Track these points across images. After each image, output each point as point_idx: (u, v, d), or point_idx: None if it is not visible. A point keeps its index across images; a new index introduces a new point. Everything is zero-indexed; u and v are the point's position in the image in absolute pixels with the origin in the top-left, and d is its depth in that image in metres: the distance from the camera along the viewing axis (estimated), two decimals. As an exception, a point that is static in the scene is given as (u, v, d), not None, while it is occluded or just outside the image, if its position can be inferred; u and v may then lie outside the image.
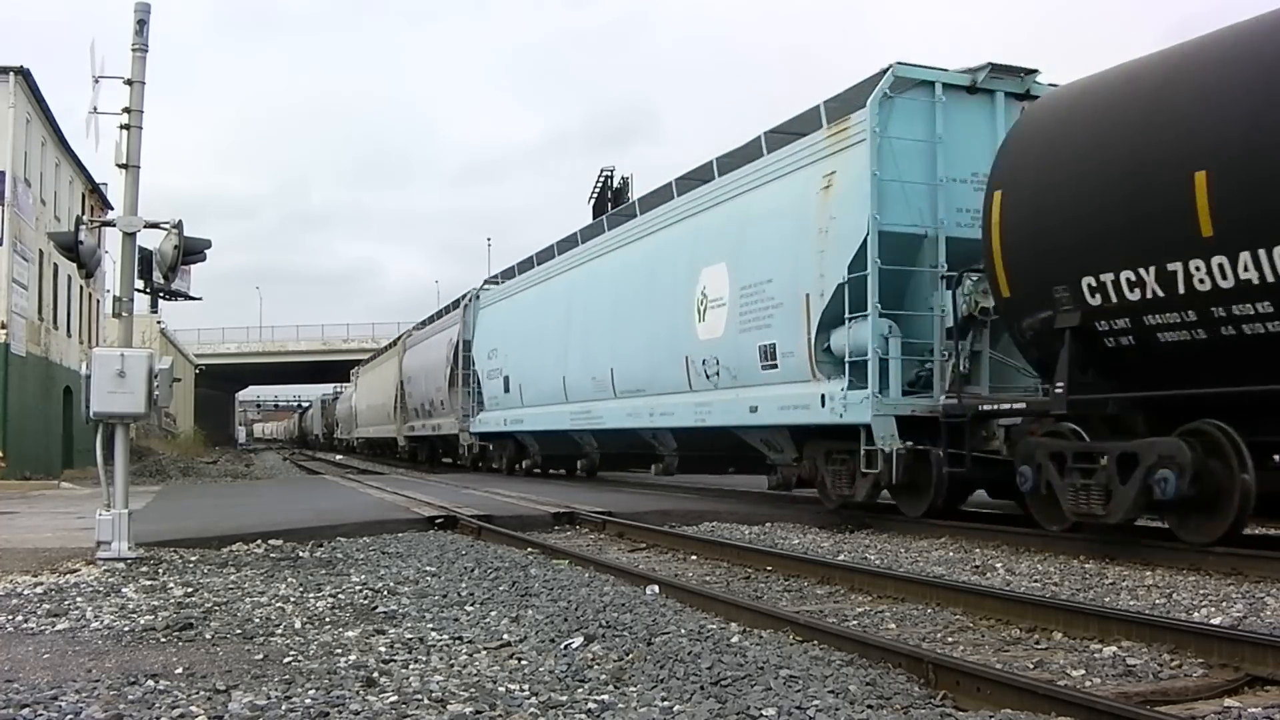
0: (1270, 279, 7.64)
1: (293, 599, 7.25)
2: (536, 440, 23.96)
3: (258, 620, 6.47)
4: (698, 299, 14.92)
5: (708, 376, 14.73)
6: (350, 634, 6.02)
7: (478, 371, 26.14)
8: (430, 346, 31.92)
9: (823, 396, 12.08)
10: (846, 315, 11.68)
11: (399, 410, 36.24)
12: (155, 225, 9.84)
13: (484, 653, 5.51)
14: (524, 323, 23.10)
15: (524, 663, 5.27)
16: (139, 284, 10.21)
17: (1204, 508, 8.39)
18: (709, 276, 14.69)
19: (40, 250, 28.31)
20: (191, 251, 10.10)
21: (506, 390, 23.94)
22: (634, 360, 17.31)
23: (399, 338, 38.93)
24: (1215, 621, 6.29)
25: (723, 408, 14.41)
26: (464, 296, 28.49)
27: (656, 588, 7.43)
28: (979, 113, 12.09)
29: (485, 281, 28.28)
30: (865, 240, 11.44)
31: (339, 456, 55.86)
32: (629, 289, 17.74)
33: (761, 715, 4.29)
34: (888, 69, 11.77)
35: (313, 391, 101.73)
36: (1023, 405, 10.33)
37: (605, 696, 4.60)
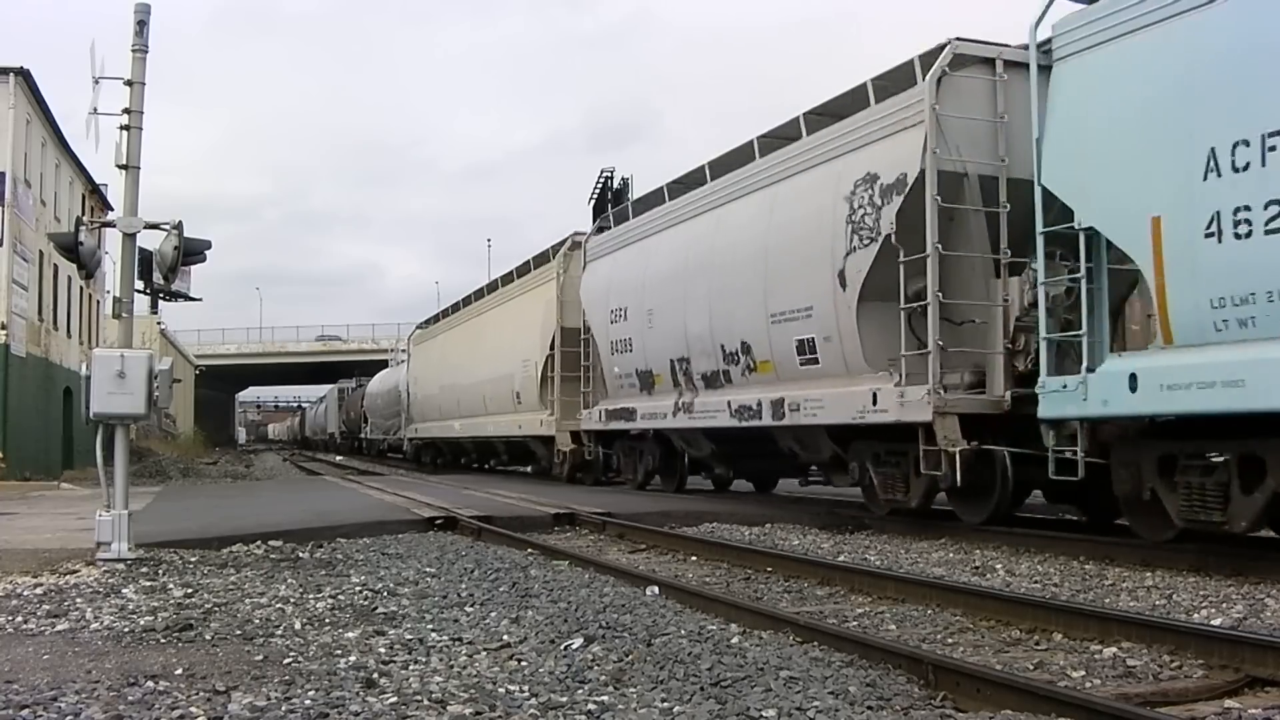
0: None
1: (293, 600, 7.24)
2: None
3: (257, 621, 6.46)
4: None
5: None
6: (350, 635, 6.02)
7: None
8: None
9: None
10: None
11: (540, 386, 21.86)
12: (155, 226, 9.84)
13: (484, 654, 5.50)
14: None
15: (524, 664, 5.27)
16: (139, 285, 10.25)
17: None
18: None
19: (40, 251, 28.31)
20: (191, 252, 10.11)
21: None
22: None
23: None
24: (1215, 623, 6.29)
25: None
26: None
27: (656, 589, 7.42)
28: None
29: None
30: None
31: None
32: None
33: (762, 716, 4.29)
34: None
35: (313, 392, 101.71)
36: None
37: (605, 697, 4.60)
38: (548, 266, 21.93)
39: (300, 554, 9.96)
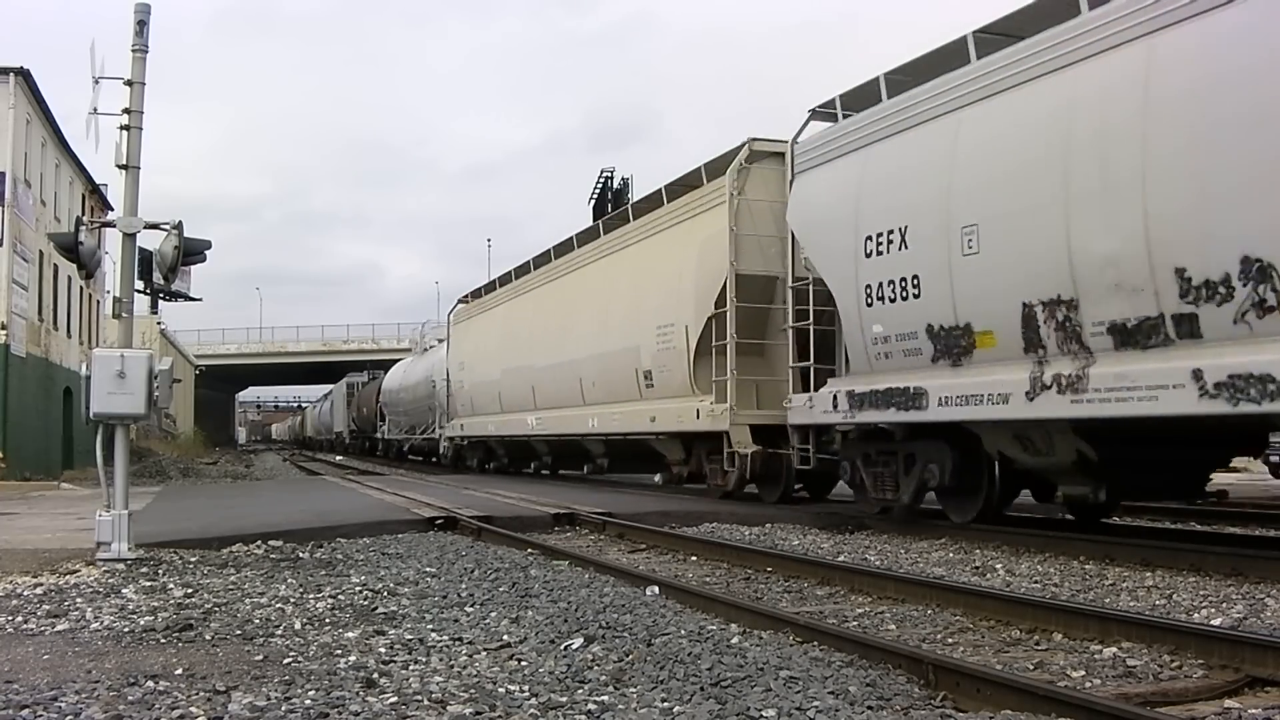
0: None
1: (293, 600, 7.24)
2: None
3: (258, 621, 6.46)
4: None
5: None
6: (350, 635, 6.02)
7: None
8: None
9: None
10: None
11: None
12: (155, 226, 9.84)
13: (484, 654, 5.51)
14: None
15: (524, 663, 5.27)
16: (139, 285, 10.27)
17: None
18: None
19: (40, 251, 28.32)
20: (191, 252, 10.11)
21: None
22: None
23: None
24: (1215, 622, 6.29)
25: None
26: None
27: (656, 588, 7.42)
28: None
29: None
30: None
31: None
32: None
33: (762, 716, 4.29)
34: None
35: (313, 392, 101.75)
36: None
37: (605, 697, 4.60)
38: (706, 191, 15.32)
39: (300, 554, 9.96)
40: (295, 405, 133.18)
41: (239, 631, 6.16)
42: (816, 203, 12.50)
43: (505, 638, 5.88)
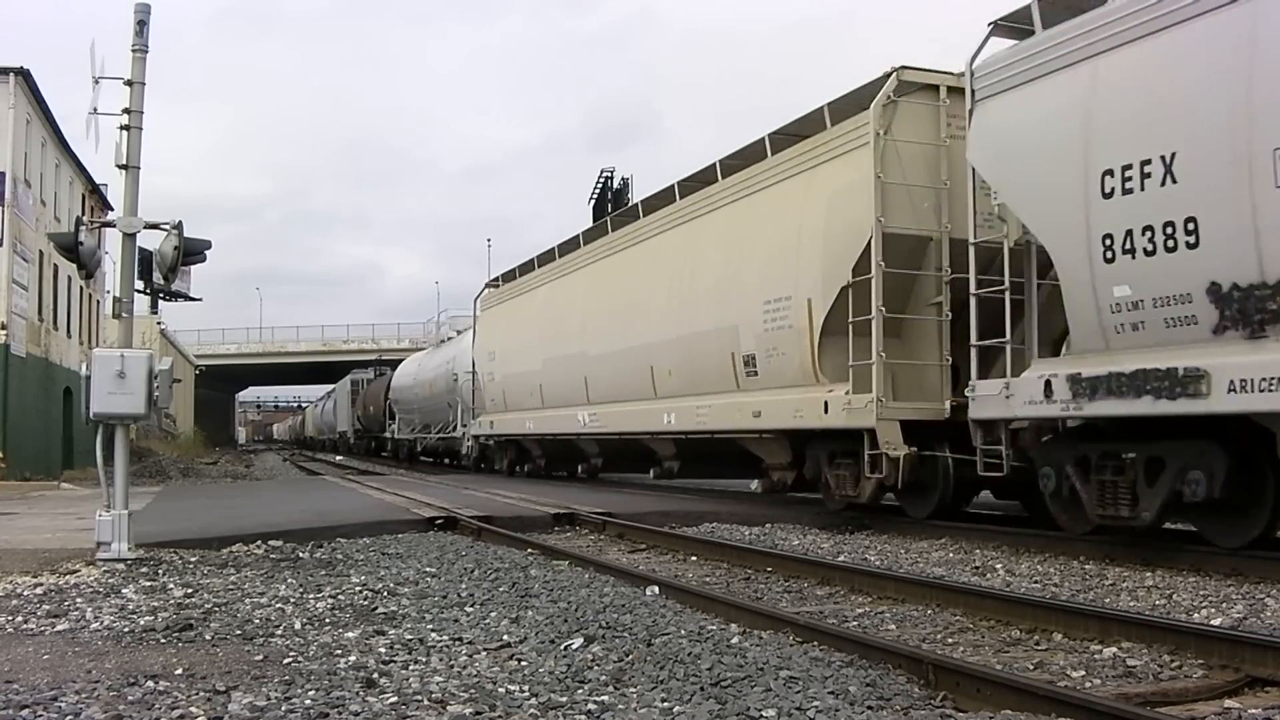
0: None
1: (293, 600, 7.24)
2: None
3: (258, 621, 6.46)
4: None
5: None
6: (350, 635, 6.02)
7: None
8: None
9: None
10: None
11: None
12: (155, 226, 9.85)
13: (484, 654, 5.50)
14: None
15: (524, 663, 5.27)
16: (139, 285, 10.27)
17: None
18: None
19: (40, 251, 28.32)
20: (191, 252, 10.11)
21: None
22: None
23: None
24: (1215, 622, 6.29)
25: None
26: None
27: (656, 589, 7.42)
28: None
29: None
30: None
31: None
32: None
33: (762, 716, 4.29)
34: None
35: (313, 392, 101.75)
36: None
37: (605, 697, 4.60)
38: (832, 136, 12.51)
39: (300, 554, 9.96)
40: (295, 405, 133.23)
41: (239, 631, 6.16)
42: (1015, 132, 9.98)
43: (505, 638, 5.88)
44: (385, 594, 7.53)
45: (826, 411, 12.03)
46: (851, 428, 11.65)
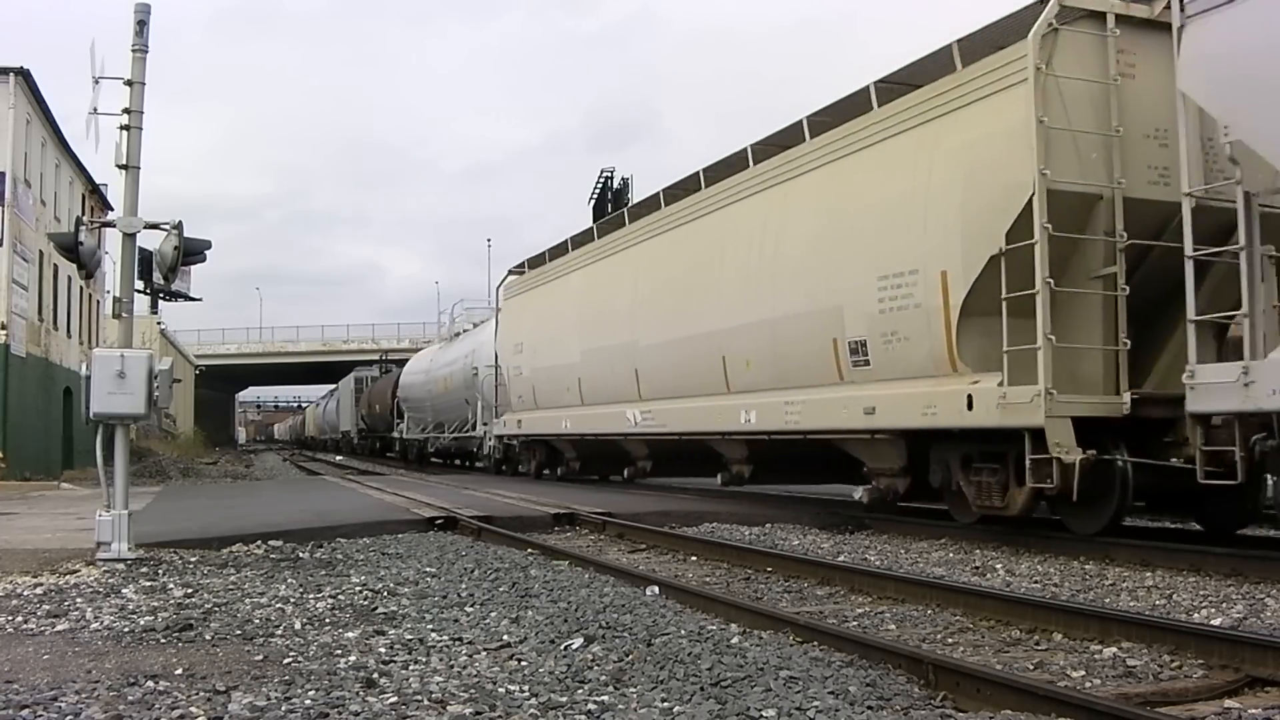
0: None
1: (293, 600, 7.25)
2: None
3: (258, 621, 6.46)
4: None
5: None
6: (350, 635, 6.02)
7: None
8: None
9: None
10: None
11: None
12: (155, 226, 9.85)
13: (484, 654, 5.51)
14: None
15: (524, 663, 5.27)
16: (139, 285, 10.26)
17: None
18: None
19: (40, 251, 28.33)
20: (191, 252, 10.11)
21: None
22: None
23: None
24: (1215, 622, 6.29)
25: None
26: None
27: (656, 589, 7.42)
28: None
29: None
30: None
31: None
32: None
33: (762, 716, 4.29)
34: None
35: (313, 392, 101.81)
36: None
37: (605, 697, 4.60)
38: (966, 78, 10.57)
39: (300, 554, 9.96)
40: (295, 405, 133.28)
41: (239, 631, 6.16)
42: (1258, 53, 8.11)
43: (505, 638, 5.88)
44: (385, 594, 7.53)
45: (971, 407, 9.95)
46: (1008, 427, 9.62)
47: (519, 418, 22.81)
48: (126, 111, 9.59)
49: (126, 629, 6.25)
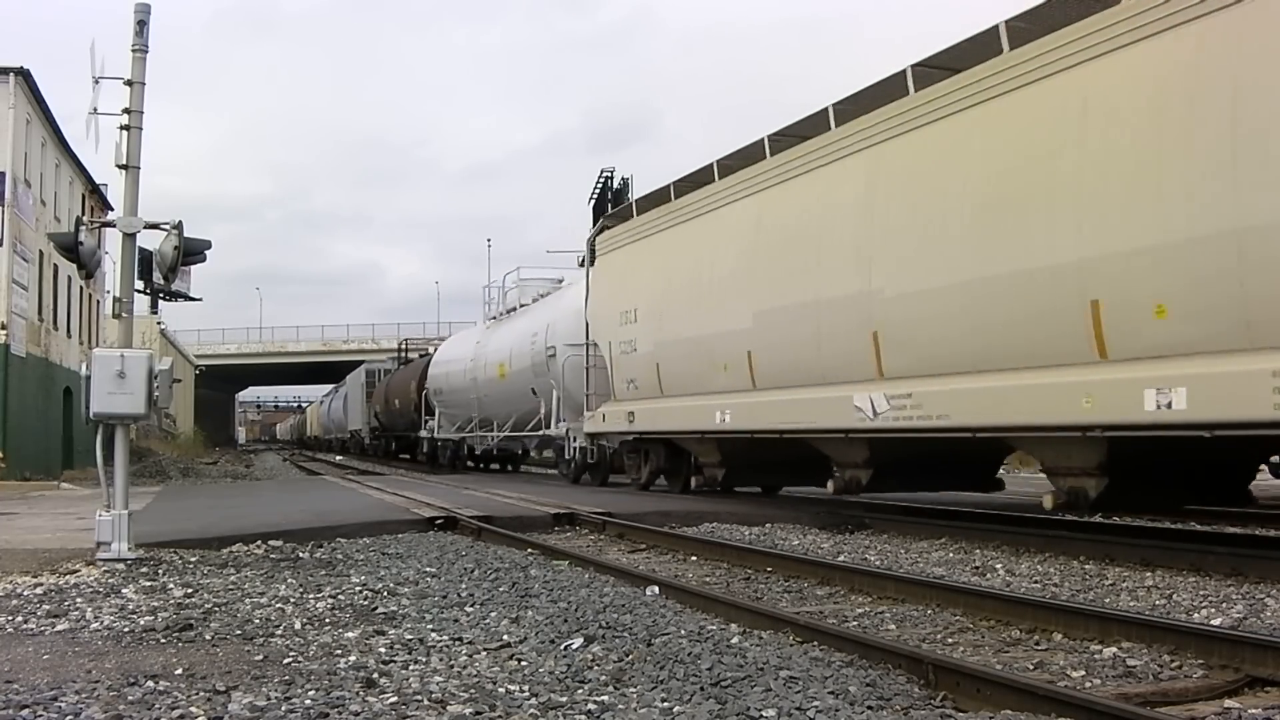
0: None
1: (293, 600, 7.25)
2: None
3: (258, 621, 6.46)
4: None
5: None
6: (350, 635, 6.02)
7: None
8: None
9: None
10: None
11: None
12: (155, 226, 9.85)
13: (484, 653, 5.50)
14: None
15: (524, 663, 5.27)
16: (139, 285, 10.27)
17: None
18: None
19: (40, 251, 28.34)
20: (191, 252, 10.11)
21: None
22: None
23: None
24: (1215, 622, 6.29)
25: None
26: None
27: (656, 588, 7.42)
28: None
29: None
30: None
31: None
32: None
33: (762, 716, 4.29)
34: None
35: (313, 392, 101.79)
36: None
37: (605, 697, 4.60)
38: None
39: (300, 554, 9.96)
40: (296, 405, 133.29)
41: (239, 631, 6.16)
42: None
43: (505, 638, 5.88)
44: (385, 594, 7.53)
45: None
46: None
47: (629, 409, 16.92)
48: (126, 111, 9.59)
49: (126, 629, 6.25)
